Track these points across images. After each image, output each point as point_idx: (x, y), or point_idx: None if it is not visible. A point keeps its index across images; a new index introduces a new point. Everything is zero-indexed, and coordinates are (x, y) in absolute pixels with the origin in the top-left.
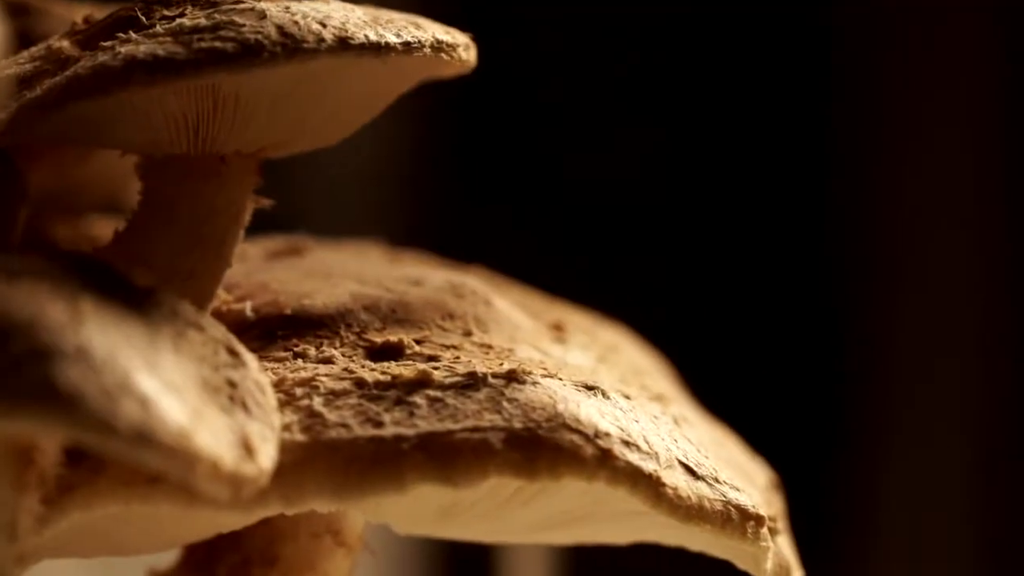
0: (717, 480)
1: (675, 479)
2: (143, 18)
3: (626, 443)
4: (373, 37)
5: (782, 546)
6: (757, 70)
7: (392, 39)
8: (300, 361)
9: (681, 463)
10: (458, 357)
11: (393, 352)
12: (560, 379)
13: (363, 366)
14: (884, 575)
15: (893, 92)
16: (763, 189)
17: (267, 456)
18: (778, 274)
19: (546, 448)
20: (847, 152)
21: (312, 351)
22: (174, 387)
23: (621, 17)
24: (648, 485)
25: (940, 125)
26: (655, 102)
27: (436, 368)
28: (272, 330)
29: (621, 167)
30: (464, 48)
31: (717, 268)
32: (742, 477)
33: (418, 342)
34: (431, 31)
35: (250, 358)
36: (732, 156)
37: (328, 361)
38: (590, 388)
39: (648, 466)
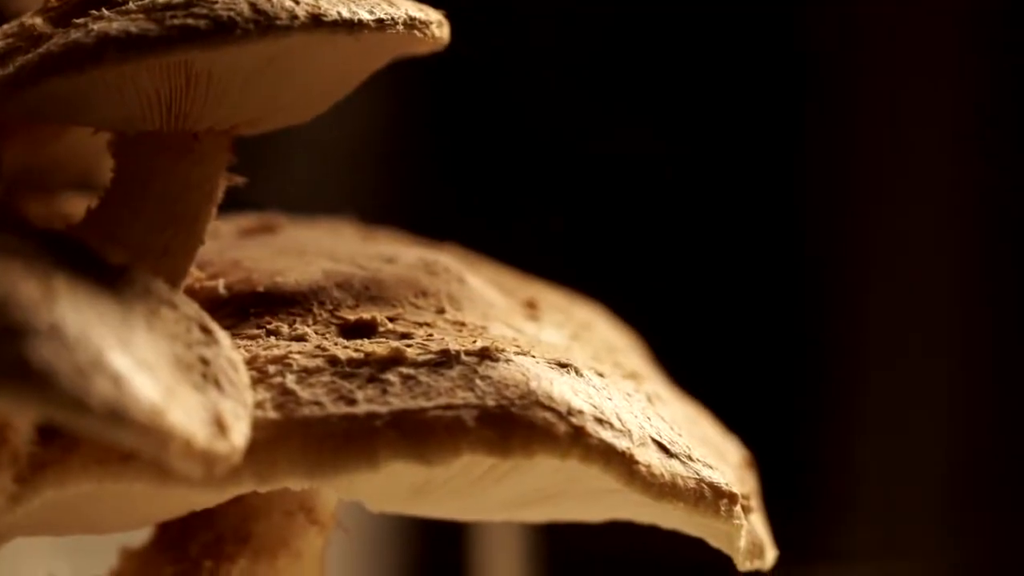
0: (690, 458)
1: (648, 457)
2: None
3: (599, 420)
4: (346, 14)
5: (755, 524)
6: (731, 61)
7: (365, 16)
8: (273, 339)
9: (654, 441)
10: (431, 335)
11: (366, 330)
12: (533, 357)
13: (336, 343)
14: (857, 553)
15: (869, 78)
16: (736, 170)
17: (240, 434)
18: (751, 253)
19: (519, 425)
20: (822, 136)
21: (285, 328)
22: (147, 365)
23: (601, 3)
24: (621, 462)
25: (916, 114)
26: (629, 83)
27: (409, 346)
28: (245, 308)
29: (594, 147)
30: (437, 25)
31: (690, 247)
32: (715, 455)
33: (391, 320)
34: (404, 8)
35: (223, 336)
36: (706, 137)
37: (301, 339)
38: (563, 366)
39: (621, 443)
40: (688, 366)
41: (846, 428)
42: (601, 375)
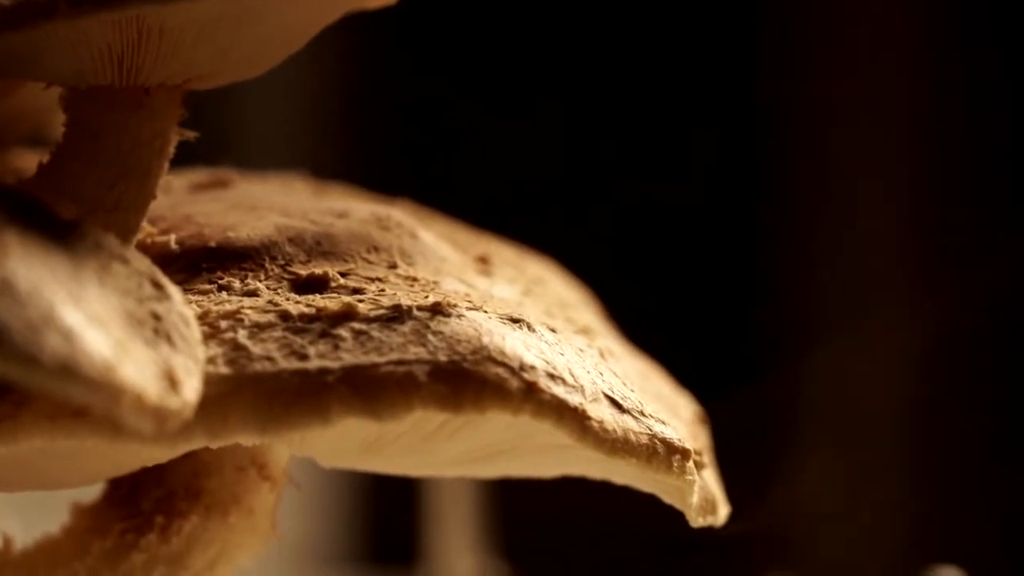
0: (643, 413)
1: (600, 412)
2: None
3: (551, 376)
4: None
5: (708, 480)
6: (681, 19)
7: None
8: (225, 294)
9: (607, 396)
10: (383, 290)
11: (318, 285)
12: (485, 312)
13: (288, 299)
14: (810, 507)
15: (823, 28)
16: (688, 123)
17: (191, 389)
18: (703, 211)
19: (471, 381)
20: (774, 87)
21: (237, 284)
22: (98, 320)
23: None
24: (573, 418)
25: (873, 49)
26: (590, 36)
27: (361, 301)
28: (197, 263)
29: (555, 101)
30: None
31: (642, 203)
32: (668, 411)
33: (343, 275)
34: None
35: (174, 291)
36: (660, 92)
37: (253, 294)
38: (515, 321)
39: (573, 399)
40: (640, 322)
41: (797, 386)
42: (553, 330)
